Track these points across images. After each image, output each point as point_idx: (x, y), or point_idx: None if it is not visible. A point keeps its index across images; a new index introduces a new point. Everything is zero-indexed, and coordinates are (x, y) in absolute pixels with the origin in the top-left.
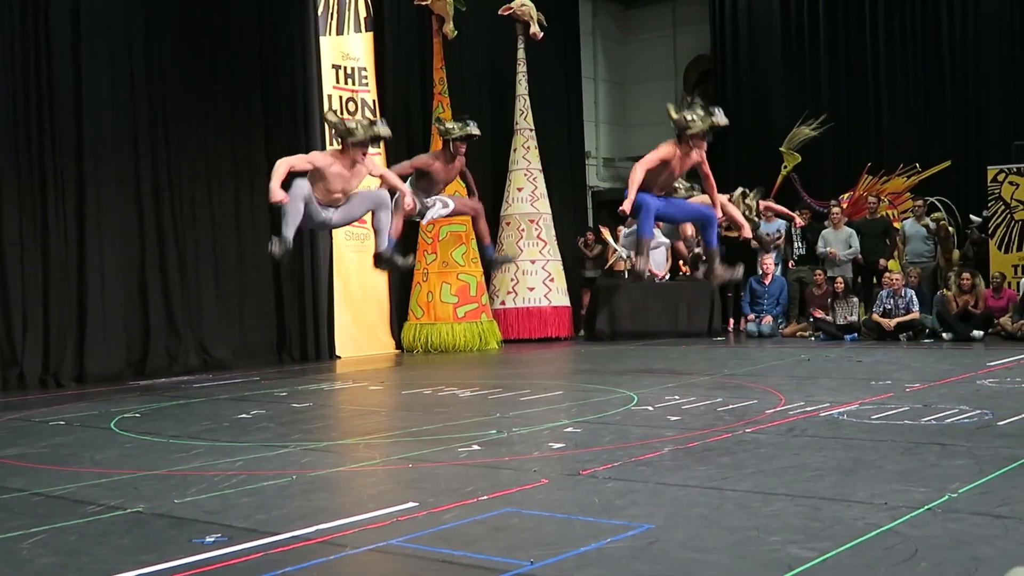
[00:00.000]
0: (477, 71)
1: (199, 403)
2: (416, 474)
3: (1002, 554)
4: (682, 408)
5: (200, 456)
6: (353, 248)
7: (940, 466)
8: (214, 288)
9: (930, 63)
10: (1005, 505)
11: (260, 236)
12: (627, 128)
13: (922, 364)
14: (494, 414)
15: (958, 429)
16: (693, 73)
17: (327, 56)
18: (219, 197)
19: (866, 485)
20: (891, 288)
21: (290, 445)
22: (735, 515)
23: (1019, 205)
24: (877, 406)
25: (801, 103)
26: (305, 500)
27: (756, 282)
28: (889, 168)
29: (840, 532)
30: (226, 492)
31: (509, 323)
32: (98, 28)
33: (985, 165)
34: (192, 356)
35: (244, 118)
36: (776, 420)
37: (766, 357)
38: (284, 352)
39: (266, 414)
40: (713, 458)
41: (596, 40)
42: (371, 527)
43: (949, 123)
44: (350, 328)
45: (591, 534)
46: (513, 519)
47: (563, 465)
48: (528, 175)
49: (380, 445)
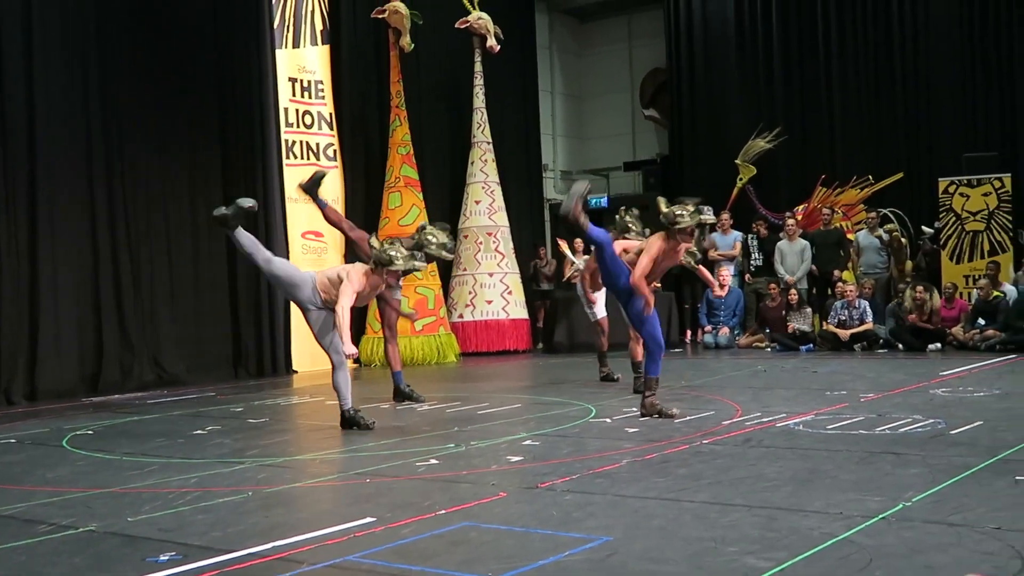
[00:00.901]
0: (434, 84)
1: (153, 419)
2: (374, 489)
3: (956, 561)
4: (640, 420)
5: (154, 473)
6: (310, 262)
7: (894, 475)
8: (169, 303)
9: (882, 77)
10: (958, 513)
11: (215, 250)
12: (584, 140)
13: (876, 374)
14: (452, 428)
15: (912, 438)
16: (649, 86)
17: (283, 69)
18: (175, 211)
19: (822, 495)
20: (845, 299)
21: (246, 461)
22: (693, 526)
23: (970, 216)
24: (832, 416)
25: (756, 116)
26: (261, 516)
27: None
28: (843, 180)
29: (796, 542)
30: (181, 509)
31: (467, 336)
32: (50, 42)
33: (936, 177)
34: (146, 371)
35: (200, 131)
36: (733, 431)
37: (723, 368)
38: (240, 367)
39: (221, 430)
40: (671, 469)
41: (553, 53)
42: (328, 543)
43: (901, 136)
44: (307, 342)
45: (550, 547)
46: (471, 533)
47: (521, 478)
48: (486, 188)
49: (337, 460)
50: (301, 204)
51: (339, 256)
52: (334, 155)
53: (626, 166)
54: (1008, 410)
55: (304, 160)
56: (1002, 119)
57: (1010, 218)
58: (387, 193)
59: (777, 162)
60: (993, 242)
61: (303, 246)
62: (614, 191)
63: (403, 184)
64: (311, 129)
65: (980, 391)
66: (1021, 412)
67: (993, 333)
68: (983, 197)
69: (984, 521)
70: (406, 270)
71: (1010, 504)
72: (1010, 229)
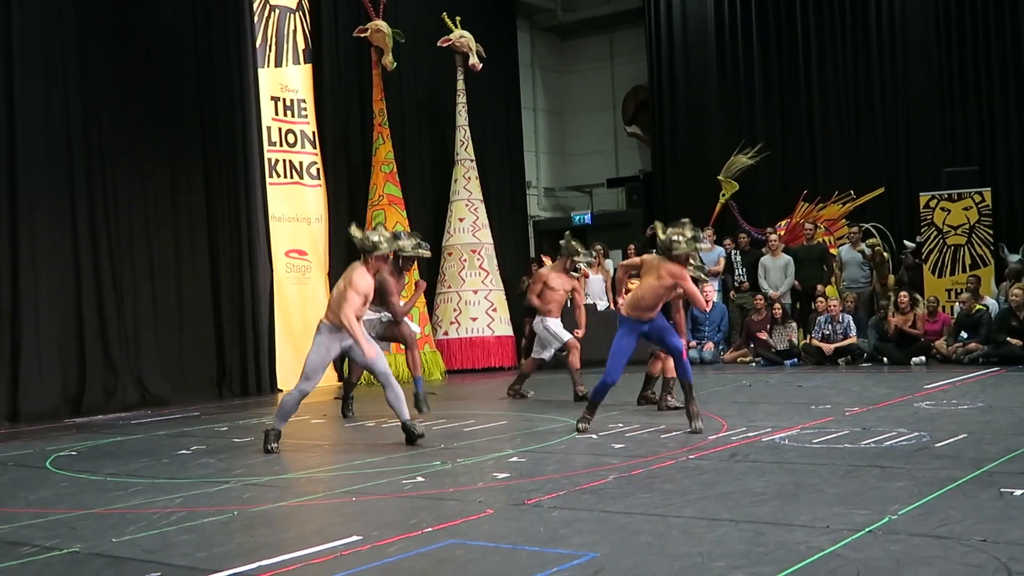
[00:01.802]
0: (417, 102)
1: (137, 440)
2: (360, 507)
3: (942, 574)
4: (626, 436)
5: (138, 494)
6: (294, 280)
7: (880, 488)
8: (152, 323)
9: (862, 92)
10: (944, 526)
11: (199, 270)
12: (567, 157)
13: (861, 388)
14: (438, 445)
15: (897, 452)
16: (631, 103)
17: (266, 88)
18: (157, 231)
19: (808, 509)
20: (829, 314)
21: (231, 480)
22: (680, 541)
23: (951, 231)
24: (817, 430)
25: (737, 132)
26: (247, 536)
27: (697, 309)
28: (824, 195)
29: (783, 556)
30: (165, 530)
31: (452, 353)
32: (31, 63)
33: (917, 192)
34: (130, 392)
35: (182, 151)
36: (719, 446)
37: (708, 383)
38: (224, 386)
39: (206, 449)
40: (657, 485)
41: (535, 71)
42: (314, 562)
43: (881, 151)
44: (291, 361)
45: (537, 564)
46: (458, 551)
47: (508, 495)
48: (469, 205)
49: (323, 479)
50: (285, 223)
51: (323, 274)
52: (317, 173)
53: (609, 183)
54: (992, 422)
55: (287, 179)
56: (981, 134)
57: (991, 232)
58: (371, 211)
59: (759, 178)
60: (974, 256)
61: (287, 264)
62: (597, 208)
63: (387, 202)
64: (294, 148)
65: (964, 404)
66: (1005, 424)
67: (976, 346)
68: (964, 211)
69: (970, 534)
70: (411, 255)
71: (995, 516)
72: (991, 243)
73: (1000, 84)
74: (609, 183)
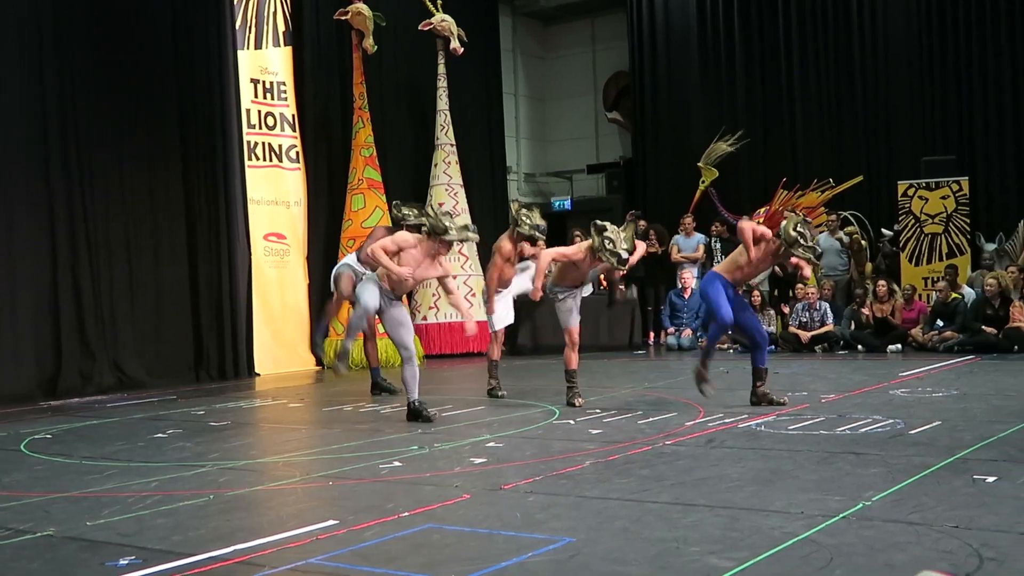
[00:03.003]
0: (397, 86)
1: (113, 423)
2: (336, 492)
3: (914, 560)
4: (603, 421)
5: (113, 477)
6: (272, 264)
7: (854, 475)
8: (129, 305)
9: (842, 80)
10: (917, 512)
11: (176, 252)
12: (548, 143)
13: (837, 375)
14: (415, 430)
15: (872, 438)
16: (612, 89)
17: (245, 70)
18: (134, 212)
19: (783, 495)
20: (806, 301)
21: (207, 464)
22: (655, 527)
23: (928, 219)
24: (794, 417)
25: (718, 119)
26: (223, 520)
27: (676, 296)
28: (804, 183)
29: (758, 541)
30: (140, 513)
31: (431, 338)
32: (6, 43)
33: (895, 180)
34: (106, 375)
35: (160, 133)
36: (696, 432)
37: (686, 370)
38: (202, 370)
39: (182, 433)
40: (634, 471)
41: (516, 56)
42: (290, 546)
43: (861, 140)
44: (270, 345)
45: (513, 548)
46: (434, 535)
47: (485, 480)
48: (449, 190)
49: (300, 463)
50: (263, 206)
51: (302, 258)
52: (297, 156)
53: (589, 169)
54: (966, 410)
55: (267, 162)
56: (960, 123)
57: (968, 221)
58: (350, 195)
59: (739, 165)
60: (951, 244)
61: (265, 248)
62: (577, 194)
63: (366, 186)
64: (273, 130)
65: (939, 392)
66: (979, 412)
67: (951, 334)
68: (941, 200)
69: (942, 520)
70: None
71: (968, 503)
72: (968, 232)
73: (979, 74)
74: (589, 169)
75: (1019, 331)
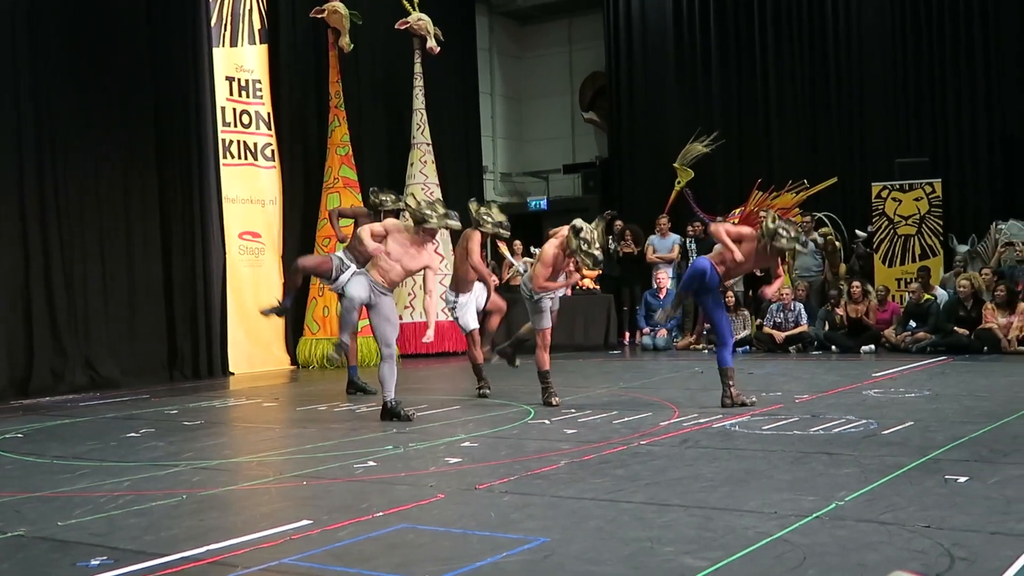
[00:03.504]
0: (374, 85)
1: (85, 422)
2: (310, 491)
3: (886, 560)
4: (578, 421)
5: (86, 477)
6: (247, 263)
7: (828, 475)
8: (102, 304)
9: (817, 83)
10: (889, 512)
11: (150, 251)
12: (524, 143)
13: (811, 375)
14: (390, 429)
15: (845, 439)
16: (588, 89)
17: (220, 68)
18: (108, 210)
19: (757, 495)
20: (780, 302)
21: (180, 464)
22: (630, 526)
23: (902, 220)
24: (768, 417)
25: (694, 120)
26: (195, 520)
27: (651, 296)
28: (779, 184)
29: (732, 541)
30: (112, 513)
31: (406, 338)
32: None
33: (869, 182)
34: (79, 374)
35: (135, 130)
36: (670, 432)
37: (661, 370)
38: (175, 369)
39: (155, 432)
40: (609, 470)
41: (493, 55)
42: (264, 546)
43: (835, 141)
44: (244, 344)
45: (487, 548)
46: (409, 535)
47: (460, 480)
48: (425, 189)
49: (274, 463)
50: (239, 204)
51: (276, 257)
52: (272, 155)
53: (565, 169)
54: (938, 411)
55: (242, 160)
56: (933, 125)
57: (940, 223)
58: (325, 194)
59: (715, 166)
60: (924, 246)
61: (240, 246)
62: (553, 194)
63: (342, 185)
64: (249, 128)
65: (911, 392)
66: (951, 413)
67: (924, 335)
68: (915, 202)
69: (914, 520)
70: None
71: (939, 503)
72: (941, 234)
73: (952, 77)
74: (566, 169)
75: (991, 332)
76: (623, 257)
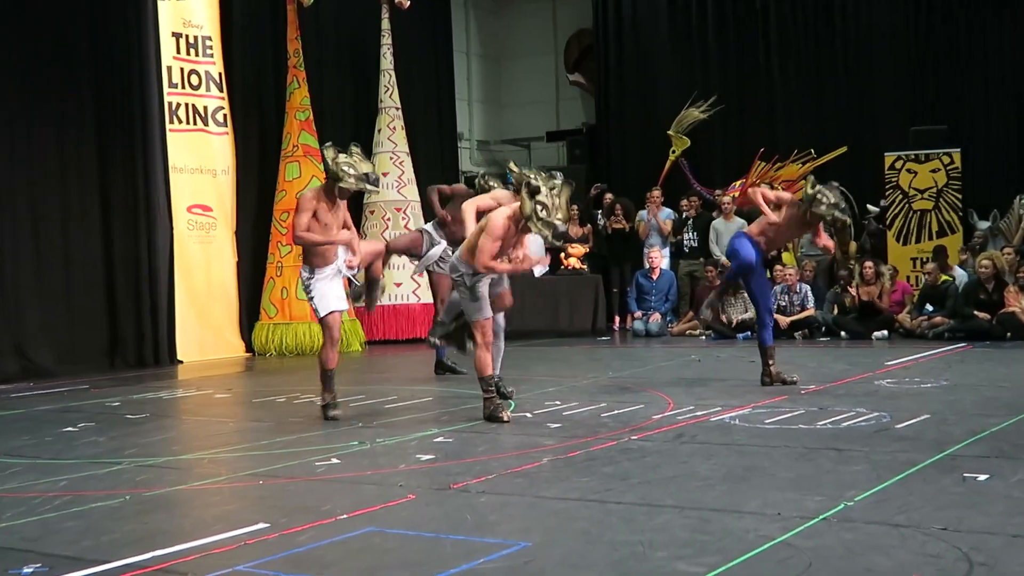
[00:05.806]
0: (337, 43)
1: (17, 415)
2: (267, 491)
3: (898, 565)
4: (563, 415)
5: (17, 475)
6: (197, 239)
7: (836, 473)
8: (35, 285)
9: (824, 43)
10: (902, 513)
11: (89, 228)
12: (503, 108)
13: (818, 364)
14: (356, 423)
15: (855, 433)
16: (574, 49)
17: (166, 23)
18: (42, 183)
19: (758, 494)
20: (785, 284)
21: (123, 462)
22: (618, 529)
23: (918, 194)
24: (771, 409)
25: (689, 83)
26: (140, 523)
27: (643, 277)
28: (783, 154)
29: (730, 545)
30: (47, 516)
31: (374, 323)
32: None
33: (882, 152)
34: (10, 362)
35: (71, 93)
36: (664, 426)
37: (654, 358)
38: (117, 357)
39: (95, 427)
40: (596, 468)
41: (468, 10)
42: (216, 552)
43: (845, 107)
44: (194, 329)
45: (462, 554)
46: (376, 539)
47: (432, 479)
48: (394, 159)
49: (227, 460)
50: (187, 174)
51: (230, 232)
52: (224, 120)
53: (549, 136)
54: (955, 402)
55: (190, 125)
56: (952, 90)
57: (960, 196)
58: (284, 163)
59: (712, 134)
60: (942, 222)
61: (189, 221)
62: (536, 164)
63: (301, 153)
64: (198, 91)
65: (927, 382)
66: (969, 404)
67: (941, 320)
68: (931, 174)
69: (929, 521)
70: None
71: (957, 503)
72: (960, 209)
73: (973, 38)
74: (549, 136)
75: (1014, 317)
76: (612, 233)
